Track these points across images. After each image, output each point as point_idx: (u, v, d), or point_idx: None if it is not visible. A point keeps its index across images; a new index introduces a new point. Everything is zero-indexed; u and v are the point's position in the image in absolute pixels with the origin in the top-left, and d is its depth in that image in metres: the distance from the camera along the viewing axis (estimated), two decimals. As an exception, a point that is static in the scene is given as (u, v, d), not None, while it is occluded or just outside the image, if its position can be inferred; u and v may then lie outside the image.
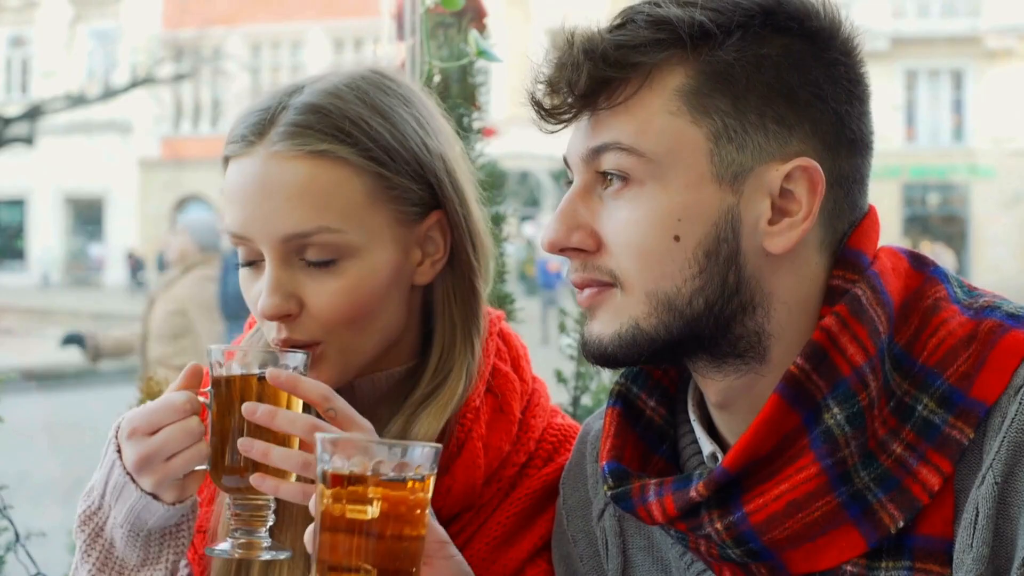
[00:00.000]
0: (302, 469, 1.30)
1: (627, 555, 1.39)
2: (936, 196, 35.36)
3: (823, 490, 1.16)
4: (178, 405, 1.35)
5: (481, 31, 2.28)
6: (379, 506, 1.13)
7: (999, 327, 1.18)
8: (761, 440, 1.17)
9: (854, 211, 1.23)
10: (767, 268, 1.19)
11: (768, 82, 1.18)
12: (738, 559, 1.21)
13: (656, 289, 1.19)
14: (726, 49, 1.18)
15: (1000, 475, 1.11)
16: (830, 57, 1.21)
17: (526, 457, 1.52)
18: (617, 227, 1.21)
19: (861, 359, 1.16)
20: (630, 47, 1.18)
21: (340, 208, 1.39)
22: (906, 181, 34.39)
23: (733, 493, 1.19)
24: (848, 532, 1.16)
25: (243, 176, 1.42)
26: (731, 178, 1.18)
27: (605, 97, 1.20)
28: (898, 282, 1.22)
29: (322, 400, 1.33)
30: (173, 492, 1.38)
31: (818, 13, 1.21)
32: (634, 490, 1.25)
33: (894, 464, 1.16)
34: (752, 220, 1.19)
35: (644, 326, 1.20)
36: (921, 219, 35.15)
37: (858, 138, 1.22)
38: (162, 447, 1.34)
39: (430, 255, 1.48)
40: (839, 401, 1.16)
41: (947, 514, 1.15)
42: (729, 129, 1.18)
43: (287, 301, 1.40)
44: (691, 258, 1.18)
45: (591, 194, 1.24)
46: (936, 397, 1.16)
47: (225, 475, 1.35)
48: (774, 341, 1.20)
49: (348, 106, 1.42)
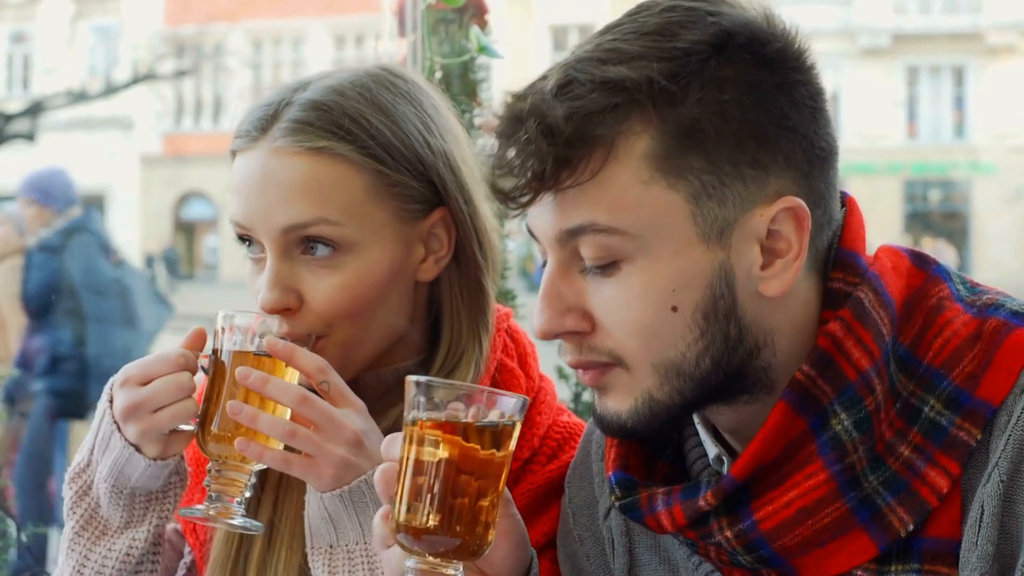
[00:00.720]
0: (288, 438, 1.32)
1: (633, 554, 1.38)
2: (937, 192, 35.32)
3: (832, 496, 1.15)
4: (172, 359, 1.36)
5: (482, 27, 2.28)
6: (460, 450, 1.14)
7: (1004, 326, 1.17)
8: (769, 447, 1.16)
9: (832, 223, 1.21)
10: (765, 310, 1.17)
11: (736, 129, 1.12)
12: (749, 565, 1.21)
13: (662, 360, 1.16)
14: (688, 105, 1.12)
15: (1006, 473, 1.10)
16: (790, 81, 1.16)
17: (530, 453, 1.52)
18: (610, 306, 1.16)
19: (866, 363, 1.15)
20: (586, 118, 1.11)
21: (340, 203, 1.41)
22: (907, 177, 34.36)
23: (742, 501, 1.18)
24: (858, 537, 1.15)
25: (247, 170, 1.44)
26: (717, 234, 1.14)
27: (568, 175, 1.13)
28: (899, 281, 1.21)
29: (317, 372, 1.34)
30: (156, 446, 1.38)
31: (767, 34, 1.15)
32: (642, 500, 1.24)
33: (902, 467, 1.15)
34: (744, 270, 1.15)
35: (658, 396, 1.17)
36: (922, 215, 35.12)
37: (827, 151, 1.19)
38: (152, 398, 1.35)
39: (434, 252, 1.49)
40: (846, 406, 1.15)
41: (955, 515, 1.14)
42: (707, 186, 1.13)
43: (286, 295, 1.41)
44: (691, 323, 1.15)
45: (570, 271, 1.18)
46: (942, 398, 1.16)
47: (212, 441, 1.35)
48: (780, 371, 1.19)
49: (349, 103, 1.43)
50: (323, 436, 1.33)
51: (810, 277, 1.20)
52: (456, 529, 1.14)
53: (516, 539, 1.29)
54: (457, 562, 1.16)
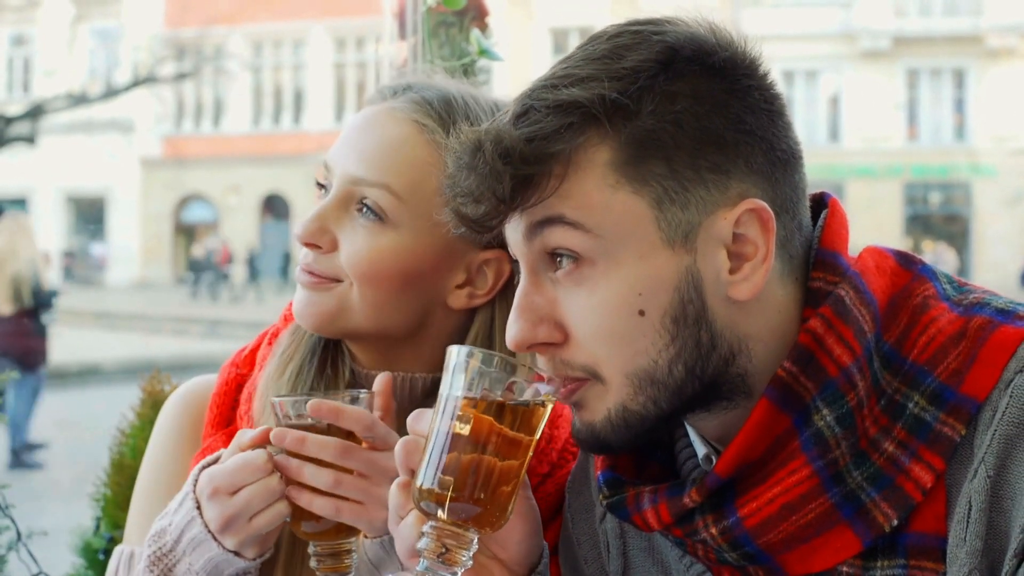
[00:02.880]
0: (334, 487, 1.35)
1: (627, 557, 1.40)
2: (938, 195, 35.34)
3: (816, 491, 1.16)
4: (258, 464, 1.37)
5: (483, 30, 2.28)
6: (490, 425, 1.16)
7: (989, 323, 1.17)
8: (752, 444, 1.17)
9: (803, 229, 1.22)
10: (738, 315, 1.18)
11: (693, 136, 1.15)
12: (735, 562, 1.22)
13: (634, 369, 1.17)
14: (643, 118, 1.14)
15: (992, 468, 1.11)
16: (741, 87, 1.18)
17: (549, 468, 1.55)
18: (579, 314, 1.18)
19: (848, 359, 1.16)
20: (543, 138, 1.14)
21: (410, 180, 1.46)
22: (908, 180, 34.38)
23: (726, 498, 1.19)
24: (842, 532, 1.16)
25: (358, 118, 1.53)
26: (682, 238, 1.15)
27: (532, 193, 1.16)
28: (883, 280, 1.22)
29: (364, 429, 1.38)
30: (255, 549, 1.41)
31: (712, 45, 1.18)
32: (629, 499, 1.25)
33: (886, 463, 1.16)
34: (712, 274, 1.16)
35: (632, 407, 1.18)
36: (923, 218, 35.14)
37: (789, 155, 1.20)
38: (245, 507, 1.37)
39: (473, 286, 1.51)
40: (828, 402, 1.16)
41: (940, 511, 1.15)
42: (669, 191, 1.15)
43: (321, 235, 1.47)
44: (660, 329, 1.16)
45: (542, 281, 1.20)
46: (927, 394, 1.17)
47: (304, 522, 1.38)
48: (758, 378, 1.20)
49: (473, 109, 1.50)
50: (369, 481, 1.36)
51: (786, 284, 1.21)
52: (479, 497, 1.16)
53: (532, 523, 1.32)
54: (476, 529, 1.17)
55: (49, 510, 5.96)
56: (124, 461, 2.45)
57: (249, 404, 1.57)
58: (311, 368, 1.54)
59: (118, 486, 2.44)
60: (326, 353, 1.55)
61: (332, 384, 1.54)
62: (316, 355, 1.55)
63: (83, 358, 16.39)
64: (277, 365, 1.55)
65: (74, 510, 1.43)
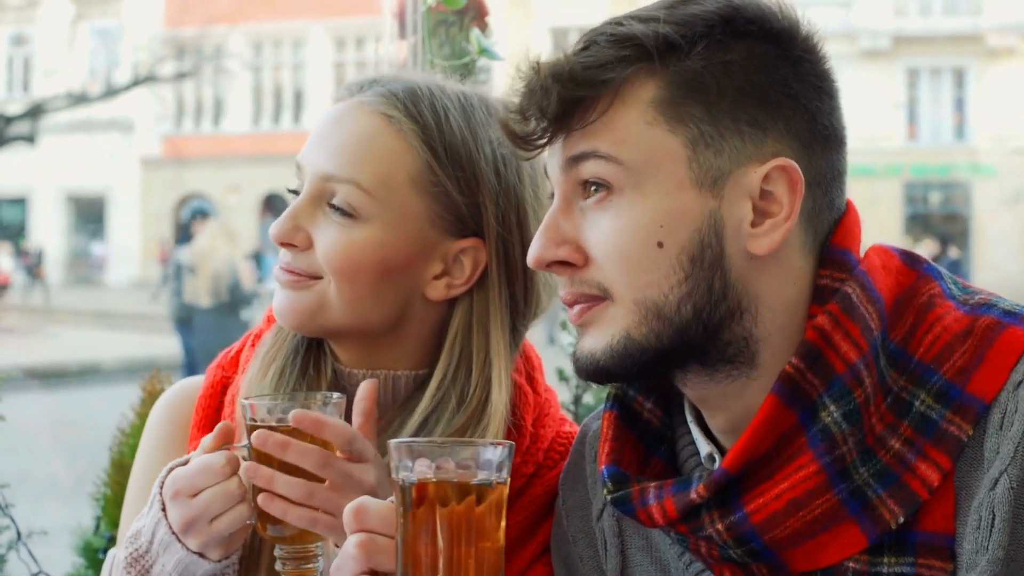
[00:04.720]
0: (306, 498, 1.34)
1: (626, 555, 1.40)
2: (938, 194, 35.35)
3: (823, 488, 1.16)
4: (217, 468, 1.36)
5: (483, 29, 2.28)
6: (451, 513, 1.11)
7: (996, 324, 1.18)
8: (759, 440, 1.17)
9: (833, 210, 1.24)
10: (752, 272, 1.20)
11: (738, 86, 1.19)
12: (739, 559, 1.22)
13: (644, 297, 1.19)
14: (692, 58, 1.19)
15: (1016, 480, 1.12)
16: (794, 55, 1.21)
17: (534, 468, 1.54)
18: (601, 238, 1.21)
19: (855, 356, 1.17)
20: (597, 66, 1.19)
21: (378, 174, 1.46)
22: (908, 179, 34.38)
23: (733, 494, 1.19)
24: (849, 528, 1.17)
25: (326, 115, 1.53)
26: (711, 183, 1.19)
27: (578, 118, 1.21)
28: (889, 279, 1.23)
29: (345, 443, 1.37)
30: (219, 551, 1.40)
31: (775, 15, 1.22)
32: (634, 493, 1.25)
33: (893, 460, 1.16)
34: (735, 223, 1.19)
35: (635, 335, 1.20)
36: (923, 217, 35.14)
37: (831, 133, 1.23)
38: (205, 510, 1.36)
39: (451, 276, 1.50)
40: (835, 399, 1.16)
41: (948, 510, 1.16)
42: (705, 135, 1.18)
43: (295, 233, 1.48)
44: (676, 264, 1.19)
45: (572, 208, 1.24)
46: (933, 392, 1.17)
47: (270, 525, 1.37)
48: (762, 345, 1.21)
49: (440, 99, 1.50)
50: (340, 493, 1.35)
51: (807, 256, 1.22)
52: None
53: None
54: None
55: (49, 510, 5.96)
56: (124, 461, 2.45)
57: (233, 407, 1.55)
58: (293, 369, 1.53)
59: (118, 486, 2.44)
60: (308, 353, 1.55)
61: (315, 384, 1.53)
62: (299, 356, 1.54)
63: (83, 358, 16.39)
64: (260, 366, 1.54)
65: (73, 510, 1.43)
